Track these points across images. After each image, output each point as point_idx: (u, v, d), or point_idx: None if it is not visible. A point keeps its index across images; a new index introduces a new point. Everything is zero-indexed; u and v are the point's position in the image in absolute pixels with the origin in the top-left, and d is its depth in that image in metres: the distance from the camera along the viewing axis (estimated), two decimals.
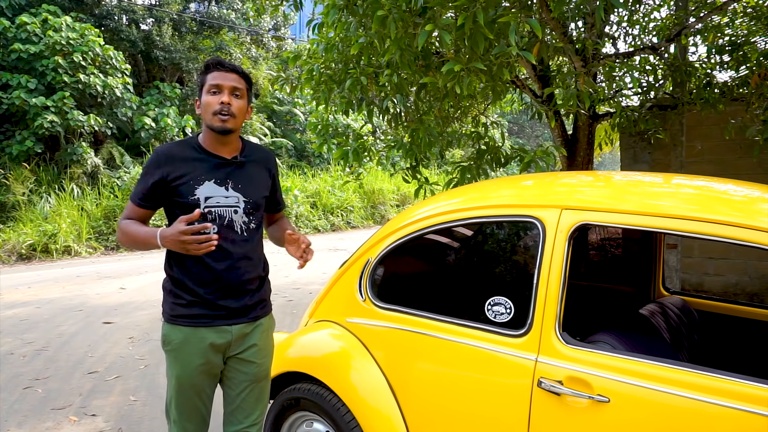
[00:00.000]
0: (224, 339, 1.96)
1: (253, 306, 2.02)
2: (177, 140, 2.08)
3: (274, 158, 2.20)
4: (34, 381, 4.27)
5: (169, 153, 1.95)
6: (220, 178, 1.95)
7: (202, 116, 1.97)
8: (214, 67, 1.95)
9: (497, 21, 3.27)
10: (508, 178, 2.46)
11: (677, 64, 5.08)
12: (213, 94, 1.93)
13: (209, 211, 1.92)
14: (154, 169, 1.92)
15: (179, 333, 1.93)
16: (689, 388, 1.47)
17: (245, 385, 2.05)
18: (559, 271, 1.72)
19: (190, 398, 1.97)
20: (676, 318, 2.39)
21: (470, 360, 1.87)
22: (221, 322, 1.94)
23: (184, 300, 1.93)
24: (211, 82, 1.93)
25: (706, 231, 1.56)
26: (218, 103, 1.91)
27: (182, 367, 1.94)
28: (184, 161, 1.94)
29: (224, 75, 1.94)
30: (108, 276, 8.85)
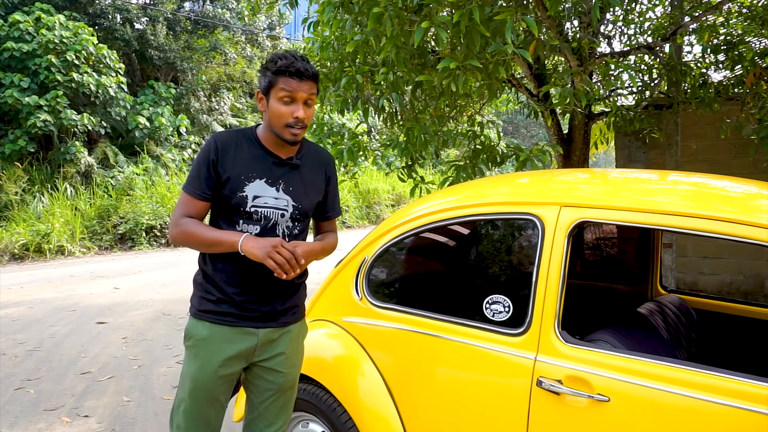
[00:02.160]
0: (249, 342, 1.85)
1: (283, 311, 1.92)
2: (234, 129, 1.95)
3: (333, 161, 2.08)
4: (26, 381, 4.22)
5: (224, 141, 1.83)
6: (272, 178, 1.85)
7: (267, 118, 1.83)
8: (289, 72, 1.76)
9: (493, 18, 3.25)
10: (505, 175, 2.44)
11: (672, 63, 5.08)
12: (285, 103, 1.78)
13: (255, 211, 1.82)
14: (210, 152, 1.80)
15: (204, 329, 1.83)
16: (689, 387, 1.46)
17: (269, 393, 1.95)
18: (558, 269, 1.70)
19: (201, 404, 1.85)
20: (674, 317, 2.38)
21: (468, 359, 1.85)
22: (248, 323, 1.85)
23: (213, 296, 1.84)
24: (286, 90, 1.76)
25: (706, 228, 1.54)
26: (292, 116, 1.78)
27: (201, 365, 1.82)
28: (239, 152, 1.83)
29: (300, 84, 1.77)
30: (101, 276, 8.79)
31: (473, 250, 2.18)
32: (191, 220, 1.80)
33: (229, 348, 1.83)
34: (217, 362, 1.82)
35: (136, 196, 12.85)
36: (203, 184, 1.80)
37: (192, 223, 1.80)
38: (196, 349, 1.84)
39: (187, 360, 1.87)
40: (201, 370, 1.82)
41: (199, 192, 1.80)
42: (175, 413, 1.90)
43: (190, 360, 1.85)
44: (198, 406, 1.85)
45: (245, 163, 1.82)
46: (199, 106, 17.21)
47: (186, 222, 1.79)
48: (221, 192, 1.81)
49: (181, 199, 1.83)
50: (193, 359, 1.84)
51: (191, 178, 1.82)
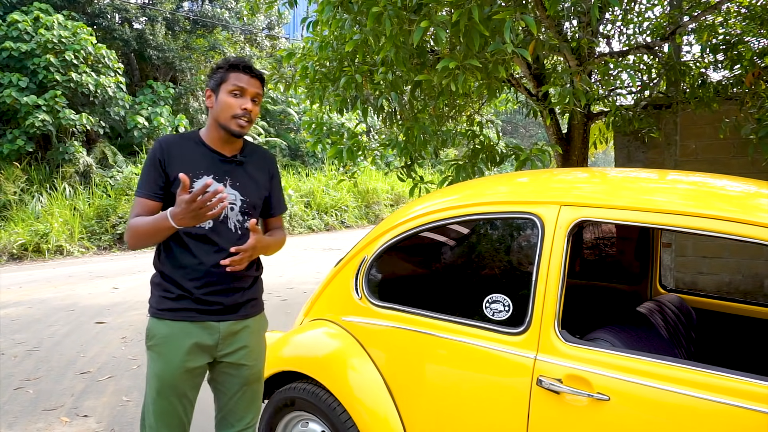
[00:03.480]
0: (211, 337, 1.90)
1: (243, 303, 1.97)
2: (178, 133, 2.04)
3: (274, 159, 2.16)
4: (25, 381, 4.22)
5: (169, 142, 1.91)
6: (219, 174, 1.92)
7: (214, 112, 1.92)
8: (242, 70, 1.91)
9: (492, 18, 3.25)
10: (505, 175, 2.44)
11: (671, 63, 5.08)
12: (235, 96, 1.89)
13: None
14: (156, 156, 1.88)
15: (165, 327, 1.87)
16: (689, 386, 1.46)
17: (237, 388, 1.99)
18: (558, 268, 1.70)
19: (170, 402, 1.88)
20: (673, 316, 2.38)
21: (468, 358, 1.85)
22: (209, 317, 1.89)
23: (173, 294, 1.88)
24: (236, 83, 1.89)
25: (706, 227, 1.54)
26: (240, 108, 1.89)
27: (165, 364, 1.86)
28: (185, 152, 1.91)
29: (249, 80, 1.91)
30: (100, 276, 8.79)
31: (473, 249, 2.18)
32: (137, 217, 1.84)
33: (190, 342, 1.87)
34: (181, 357, 1.86)
35: None
36: (153, 185, 1.87)
37: (136, 219, 1.84)
38: (159, 347, 1.87)
39: (151, 360, 1.90)
40: (166, 367, 1.86)
41: (150, 193, 1.87)
42: (146, 415, 1.93)
43: (154, 359, 1.89)
44: (167, 403, 1.88)
45: (192, 162, 1.89)
46: (198, 106, 17.20)
47: (133, 220, 1.84)
48: (170, 191, 1.86)
49: (134, 203, 1.89)
50: (157, 358, 1.88)
51: (141, 182, 1.89)
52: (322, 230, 16.00)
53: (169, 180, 1.87)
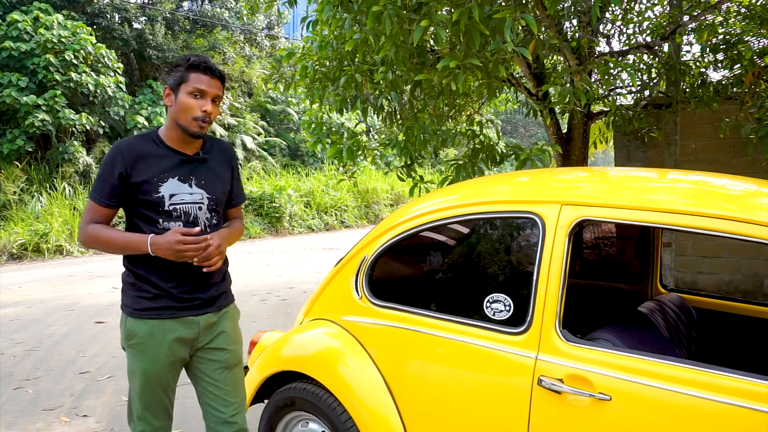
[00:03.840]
0: (192, 330, 1.97)
1: (218, 296, 2.04)
2: (135, 135, 2.04)
3: (234, 152, 2.20)
4: (24, 381, 4.21)
5: (129, 147, 1.90)
6: (183, 175, 1.94)
7: (173, 112, 1.92)
8: (202, 70, 1.89)
9: (493, 17, 3.25)
10: (505, 174, 2.44)
11: (671, 62, 5.08)
12: (195, 97, 1.89)
13: (174, 209, 1.91)
14: (115, 164, 1.86)
15: (145, 326, 1.91)
16: (692, 386, 1.45)
17: (218, 372, 2.05)
18: (559, 268, 1.70)
19: (156, 393, 1.96)
20: (674, 315, 2.38)
21: (469, 358, 1.84)
22: (188, 312, 1.95)
23: (150, 293, 1.91)
24: (195, 85, 1.88)
25: (708, 226, 1.54)
26: (200, 110, 1.89)
27: (150, 361, 1.91)
28: (146, 157, 1.90)
29: (210, 81, 1.91)
30: (100, 275, 8.78)
31: (473, 248, 2.17)
32: (100, 225, 1.90)
33: (172, 338, 1.93)
34: (164, 353, 1.92)
35: None
36: (108, 193, 1.88)
37: (101, 228, 1.89)
38: (142, 345, 1.92)
39: (133, 357, 1.94)
40: (151, 364, 1.92)
41: (105, 200, 1.89)
42: (133, 406, 2.00)
43: (137, 357, 1.93)
44: (153, 395, 1.96)
45: (155, 165, 1.90)
46: None
47: (95, 228, 1.89)
48: (135, 196, 1.89)
49: (87, 206, 1.91)
50: (140, 355, 1.92)
51: (97, 186, 1.90)
52: (321, 230, 16.00)
53: (131, 185, 1.88)
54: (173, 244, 1.79)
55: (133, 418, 2.01)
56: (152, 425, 1.99)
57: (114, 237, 1.87)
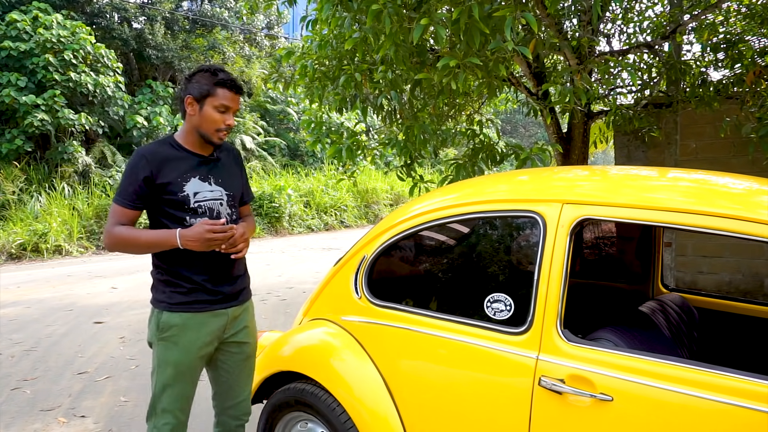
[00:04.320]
0: (221, 322, 2.09)
1: (242, 290, 2.18)
2: (153, 141, 2.15)
3: (239, 152, 2.34)
4: (22, 382, 4.19)
5: (152, 152, 2.01)
6: (203, 175, 2.07)
7: (196, 121, 2.03)
8: (229, 87, 2.02)
9: (493, 15, 3.23)
10: (505, 173, 2.42)
11: (672, 62, 5.06)
12: (220, 112, 2.02)
13: (199, 206, 2.04)
14: (140, 168, 1.97)
15: (179, 319, 2.00)
16: (694, 386, 1.43)
17: (239, 363, 2.20)
18: (560, 267, 1.68)
19: (185, 386, 2.04)
20: (675, 315, 2.36)
21: (469, 358, 1.82)
22: (218, 306, 2.07)
23: (184, 288, 2.02)
24: (222, 102, 2.01)
25: (710, 225, 1.52)
26: (224, 123, 2.03)
27: (183, 352, 2.01)
28: (168, 160, 2.02)
29: (234, 98, 2.05)
30: (99, 275, 8.76)
31: (474, 248, 2.15)
32: (125, 227, 1.98)
33: (205, 330, 2.05)
34: (197, 345, 2.03)
35: None
36: (133, 196, 1.98)
37: (126, 229, 1.98)
38: (176, 337, 2.01)
39: (164, 349, 2.02)
40: (184, 355, 2.02)
41: (130, 203, 1.98)
42: (158, 401, 2.03)
43: (169, 348, 2.01)
44: (183, 387, 2.04)
45: (177, 167, 2.03)
46: None
47: (120, 229, 1.97)
48: (161, 197, 2.00)
49: (112, 210, 2.00)
50: (173, 347, 2.01)
51: (121, 190, 1.99)
52: (321, 230, 15.98)
53: (157, 186, 1.98)
54: (203, 233, 1.90)
55: (156, 411, 2.03)
56: (178, 418, 2.04)
57: (141, 235, 1.97)
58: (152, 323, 2.06)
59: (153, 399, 2.05)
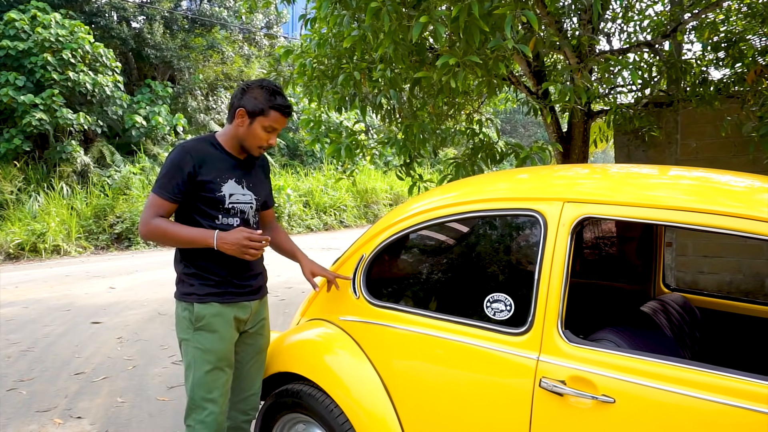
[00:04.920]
0: (246, 314, 2.17)
1: (262, 285, 2.28)
2: (196, 138, 2.18)
3: (268, 160, 2.43)
4: (18, 382, 4.16)
5: (196, 148, 2.08)
6: (238, 178, 2.14)
7: (241, 134, 2.10)
8: (283, 111, 2.09)
9: (493, 13, 3.21)
10: (505, 171, 2.39)
11: (672, 61, 5.04)
12: (267, 131, 2.10)
13: (232, 207, 2.11)
14: (184, 163, 2.02)
15: (212, 308, 2.06)
16: (698, 388, 1.41)
17: (252, 356, 2.26)
18: (561, 267, 1.65)
19: (224, 371, 2.09)
20: (677, 315, 2.33)
21: (469, 359, 1.80)
22: (243, 298, 2.15)
23: (213, 280, 2.08)
24: (273, 124, 2.09)
25: (713, 223, 1.49)
26: (267, 142, 2.12)
27: (219, 339, 2.07)
28: (211, 158, 2.09)
29: (284, 121, 2.12)
30: (97, 275, 8.73)
31: (473, 247, 2.13)
32: (164, 219, 2.04)
33: (234, 321, 2.12)
34: (231, 332, 2.11)
35: (133, 196, 12.77)
36: (175, 189, 2.03)
37: (166, 222, 2.04)
38: (212, 325, 2.06)
39: (201, 339, 2.06)
40: (220, 342, 2.07)
41: (171, 196, 2.03)
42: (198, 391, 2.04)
43: (207, 336, 2.06)
44: (222, 373, 2.08)
45: (218, 168, 2.09)
46: (197, 105, 17.13)
47: (159, 221, 2.02)
48: (198, 193, 2.05)
49: (152, 202, 2.04)
50: (210, 334, 2.06)
51: (164, 183, 2.03)
52: (320, 230, 15.95)
53: (197, 183, 2.04)
54: (241, 239, 1.97)
55: (197, 404, 2.05)
56: (221, 407, 2.08)
57: (180, 231, 2.03)
58: (182, 318, 2.09)
59: (192, 393, 2.06)
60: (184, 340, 2.10)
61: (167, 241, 2.05)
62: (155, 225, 2.01)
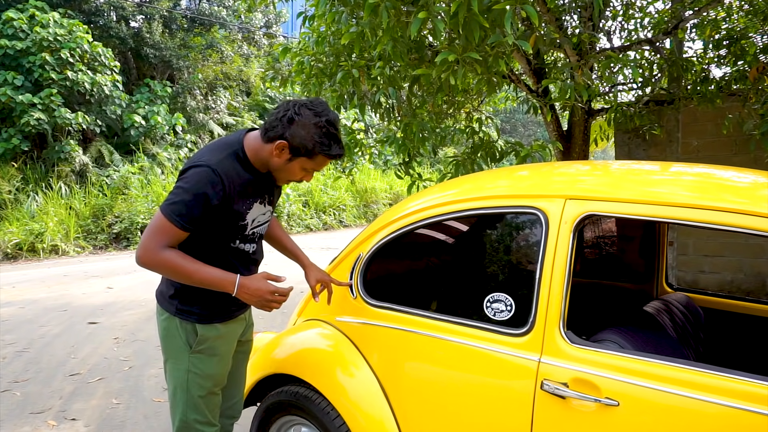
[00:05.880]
0: (242, 326, 2.10)
1: None
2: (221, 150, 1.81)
3: None
4: (12, 384, 4.11)
5: (226, 172, 1.76)
6: (262, 196, 1.94)
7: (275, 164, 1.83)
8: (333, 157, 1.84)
9: (492, 8, 3.16)
10: (505, 168, 2.35)
11: (674, 58, 4.99)
12: (305, 171, 1.87)
13: (252, 233, 1.96)
14: (213, 191, 1.71)
15: (215, 331, 1.93)
16: (707, 391, 1.36)
17: (242, 363, 2.21)
18: (563, 266, 1.61)
19: (217, 394, 2.00)
20: (681, 316, 2.29)
21: (468, 361, 1.75)
22: (241, 311, 2.05)
23: (213, 298, 1.88)
24: (315, 168, 1.86)
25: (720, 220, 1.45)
26: (298, 180, 1.91)
27: (219, 363, 1.96)
28: (240, 183, 1.81)
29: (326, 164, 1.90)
30: (95, 275, 8.68)
31: (473, 246, 2.08)
32: (175, 252, 1.74)
33: (235, 336, 2.04)
34: (230, 353, 2.03)
35: (132, 195, 12.72)
36: (194, 219, 1.73)
37: (178, 257, 1.73)
38: (214, 348, 1.94)
39: (200, 363, 1.91)
40: (220, 365, 1.97)
41: (189, 226, 1.73)
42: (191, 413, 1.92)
43: (206, 361, 1.92)
44: (217, 396, 2.00)
45: (245, 191, 1.85)
46: (196, 105, 17.08)
47: (171, 255, 1.73)
48: (218, 221, 1.79)
49: (161, 227, 1.72)
50: (210, 357, 1.93)
51: (180, 209, 1.70)
52: (320, 229, 15.90)
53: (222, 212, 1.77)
54: (265, 294, 1.78)
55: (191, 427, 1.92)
56: (215, 426, 2.00)
57: (196, 270, 1.74)
58: (175, 335, 1.90)
59: (185, 417, 1.91)
60: (174, 358, 1.92)
61: (175, 276, 1.77)
62: (164, 258, 1.71)
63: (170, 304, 1.91)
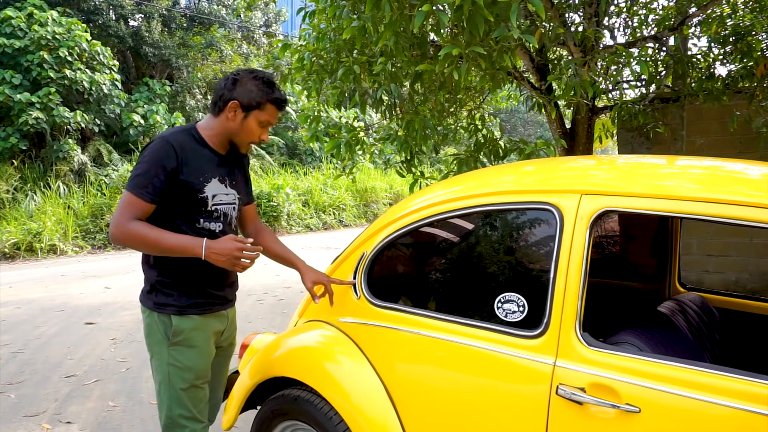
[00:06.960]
0: (223, 324, 2.07)
1: (234, 293, 2.15)
2: (176, 129, 1.93)
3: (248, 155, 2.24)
4: (7, 386, 4.03)
5: (179, 142, 1.86)
6: (221, 176, 1.97)
7: (232, 128, 1.92)
8: (280, 105, 1.94)
9: (497, 2, 3.09)
10: (511, 164, 2.27)
11: (679, 55, 4.92)
12: (261, 126, 1.94)
13: (215, 209, 1.94)
14: (167, 158, 1.81)
15: (191, 322, 1.93)
16: (734, 396, 1.28)
17: (224, 365, 2.21)
18: (579, 264, 1.53)
19: (202, 388, 1.98)
20: (695, 316, 2.21)
21: (478, 364, 1.67)
22: (220, 308, 2.04)
23: (191, 290, 1.93)
24: (269, 118, 1.93)
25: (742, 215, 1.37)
26: (259, 138, 1.96)
27: (198, 354, 1.95)
28: (194, 155, 1.89)
29: (277, 115, 1.97)
30: (93, 275, 8.60)
31: (482, 244, 2.00)
32: (143, 223, 1.81)
33: (212, 332, 2.01)
34: (210, 345, 2.00)
35: None
36: (155, 188, 1.80)
37: (145, 227, 1.80)
38: (191, 340, 1.93)
39: (179, 354, 1.92)
40: (199, 357, 1.95)
41: (151, 196, 1.80)
42: (178, 410, 1.92)
43: (184, 352, 1.92)
44: (201, 390, 1.98)
45: (201, 166, 1.90)
46: (195, 104, 17.00)
47: (138, 225, 1.79)
48: (178, 194, 1.85)
49: (127, 201, 1.80)
50: (188, 350, 1.93)
51: (141, 181, 1.79)
52: (320, 229, 15.82)
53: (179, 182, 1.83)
54: (233, 250, 1.79)
55: (176, 422, 1.92)
56: (201, 423, 1.98)
57: (163, 237, 1.79)
58: (155, 330, 1.93)
59: (170, 412, 1.92)
60: (156, 353, 1.94)
61: (145, 247, 1.82)
62: (133, 229, 1.77)
63: (148, 299, 1.96)
